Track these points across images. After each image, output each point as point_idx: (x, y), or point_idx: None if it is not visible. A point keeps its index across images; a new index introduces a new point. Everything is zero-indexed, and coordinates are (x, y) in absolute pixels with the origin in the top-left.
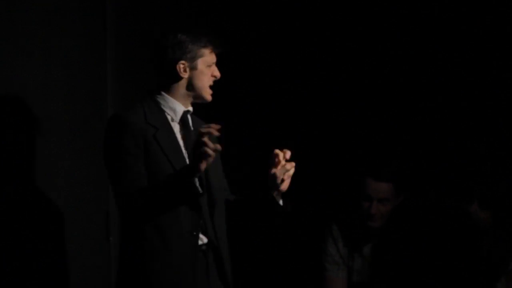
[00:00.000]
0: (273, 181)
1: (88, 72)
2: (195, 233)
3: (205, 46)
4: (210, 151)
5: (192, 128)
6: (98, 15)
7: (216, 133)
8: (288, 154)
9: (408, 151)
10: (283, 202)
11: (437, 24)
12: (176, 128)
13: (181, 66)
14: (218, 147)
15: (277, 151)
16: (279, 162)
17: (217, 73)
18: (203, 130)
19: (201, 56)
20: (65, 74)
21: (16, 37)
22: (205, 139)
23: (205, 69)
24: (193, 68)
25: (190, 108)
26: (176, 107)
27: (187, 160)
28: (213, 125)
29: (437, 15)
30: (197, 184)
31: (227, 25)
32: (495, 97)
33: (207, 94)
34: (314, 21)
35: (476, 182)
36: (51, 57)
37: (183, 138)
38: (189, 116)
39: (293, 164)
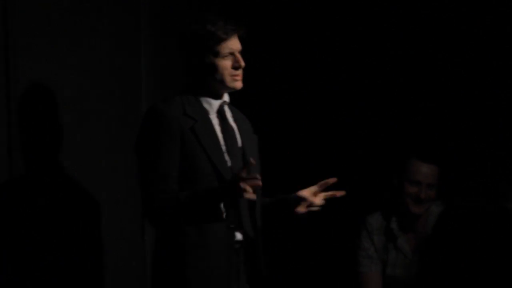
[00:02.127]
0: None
1: (123, 70)
2: (231, 226)
3: (226, 35)
4: (250, 196)
5: (232, 119)
6: (132, 13)
7: (258, 184)
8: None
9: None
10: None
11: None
12: (214, 120)
13: (206, 57)
14: (259, 184)
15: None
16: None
17: (241, 62)
18: (240, 175)
19: (223, 45)
20: (100, 73)
21: (52, 37)
22: (244, 186)
23: (228, 57)
24: (216, 58)
25: (226, 99)
26: (211, 99)
27: (225, 154)
28: (255, 179)
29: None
30: (222, 208)
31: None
32: None
33: (232, 82)
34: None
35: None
36: (86, 56)
37: (222, 131)
38: (226, 108)
39: (321, 202)
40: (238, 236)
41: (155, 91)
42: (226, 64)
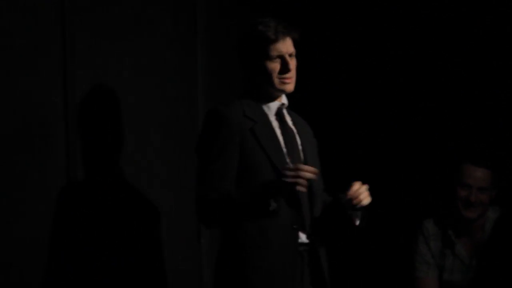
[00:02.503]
0: (349, 202)
1: (180, 73)
2: (295, 227)
3: (273, 39)
4: (302, 189)
5: (291, 123)
6: (188, 15)
7: (312, 177)
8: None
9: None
10: (360, 219)
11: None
12: (274, 123)
13: (256, 61)
14: (316, 171)
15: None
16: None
17: (288, 65)
18: (297, 170)
19: (269, 48)
20: (157, 75)
21: (110, 40)
22: (300, 179)
23: (275, 60)
24: (264, 61)
25: (285, 101)
26: (269, 101)
27: (286, 156)
28: (309, 169)
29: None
30: (273, 203)
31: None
32: None
33: (281, 85)
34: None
35: None
36: (143, 59)
37: (282, 133)
38: (284, 111)
39: (364, 201)
40: (302, 237)
41: (212, 93)
42: (274, 66)
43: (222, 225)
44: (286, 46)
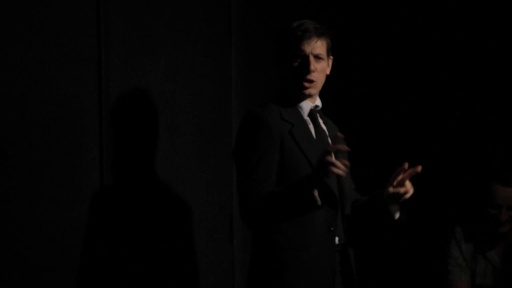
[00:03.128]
0: (391, 196)
1: (213, 75)
2: (332, 229)
3: (296, 41)
4: (339, 171)
5: (323, 126)
6: (223, 18)
7: (345, 149)
8: (419, 168)
9: None
10: (400, 214)
11: None
12: (309, 124)
13: (281, 63)
14: (346, 163)
15: (405, 165)
16: (401, 177)
17: (309, 65)
18: (330, 148)
19: (290, 51)
20: (191, 77)
21: (144, 42)
22: (332, 159)
23: (294, 62)
24: (285, 63)
25: (318, 103)
26: (302, 103)
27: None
28: (340, 138)
29: None
30: (317, 196)
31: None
32: None
33: (302, 86)
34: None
35: None
36: (177, 61)
37: (316, 134)
38: (317, 113)
39: (410, 190)
40: (336, 239)
41: (245, 94)
42: (296, 65)
43: (268, 224)
44: (312, 46)
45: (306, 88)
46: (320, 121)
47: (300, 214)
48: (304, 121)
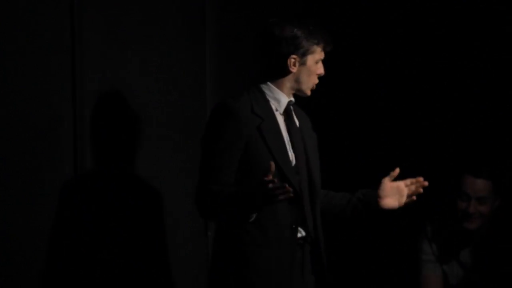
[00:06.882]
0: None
1: (188, 68)
2: (294, 226)
3: (317, 44)
4: (283, 198)
5: (296, 120)
6: (197, 11)
7: (290, 196)
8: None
9: (507, 151)
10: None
11: None
12: (280, 119)
13: (292, 60)
14: (289, 189)
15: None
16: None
17: (322, 71)
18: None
19: (312, 52)
20: (165, 71)
21: (118, 36)
22: (275, 186)
23: (313, 66)
24: (302, 63)
25: (293, 99)
26: (281, 98)
27: (290, 154)
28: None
29: None
30: (253, 217)
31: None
32: None
33: (309, 90)
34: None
35: None
36: (151, 55)
37: (288, 130)
38: (291, 107)
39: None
40: (302, 232)
41: (220, 86)
42: (317, 68)
43: (217, 219)
44: (323, 54)
45: (311, 90)
46: (294, 114)
47: (267, 221)
48: (275, 117)
